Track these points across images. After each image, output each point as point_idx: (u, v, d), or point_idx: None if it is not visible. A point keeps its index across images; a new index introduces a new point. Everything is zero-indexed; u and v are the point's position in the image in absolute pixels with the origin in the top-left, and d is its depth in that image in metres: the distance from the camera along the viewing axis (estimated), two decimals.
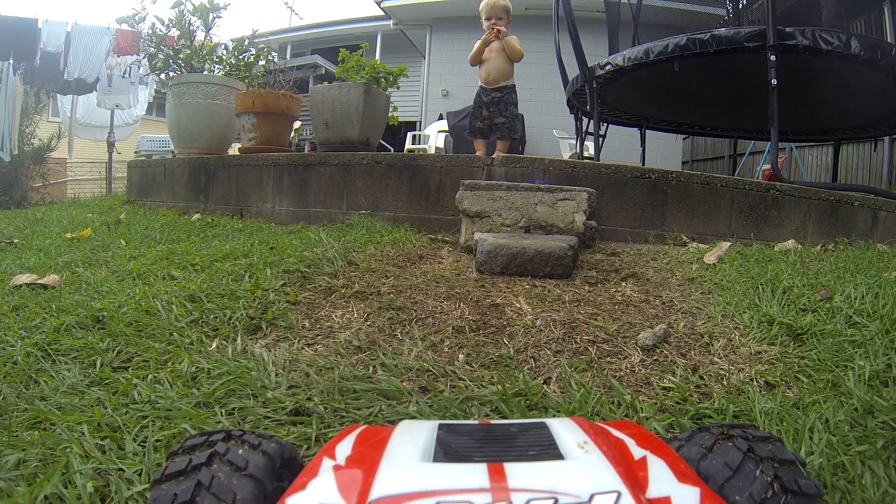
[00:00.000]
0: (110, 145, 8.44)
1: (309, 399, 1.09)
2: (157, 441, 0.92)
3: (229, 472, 0.55)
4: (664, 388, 1.19)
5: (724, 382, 1.21)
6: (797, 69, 3.50)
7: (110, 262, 2.22)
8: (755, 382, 1.21)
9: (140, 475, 0.83)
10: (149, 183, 4.50)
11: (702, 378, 1.24)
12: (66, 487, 0.79)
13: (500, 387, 1.14)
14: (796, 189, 2.96)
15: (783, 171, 5.90)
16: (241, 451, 0.57)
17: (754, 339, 1.42)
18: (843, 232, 2.89)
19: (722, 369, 1.27)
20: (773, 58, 3.28)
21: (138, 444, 0.92)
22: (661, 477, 0.49)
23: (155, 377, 1.16)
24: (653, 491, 0.46)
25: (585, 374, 1.25)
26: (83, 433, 0.93)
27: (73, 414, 1.00)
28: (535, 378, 1.22)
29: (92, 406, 1.03)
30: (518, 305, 1.69)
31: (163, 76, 5.24)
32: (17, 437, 0.93)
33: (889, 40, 4.16)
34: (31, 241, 2.94)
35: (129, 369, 1.21)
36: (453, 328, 1.48)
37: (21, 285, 1.83)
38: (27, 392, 1.10)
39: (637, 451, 0.55)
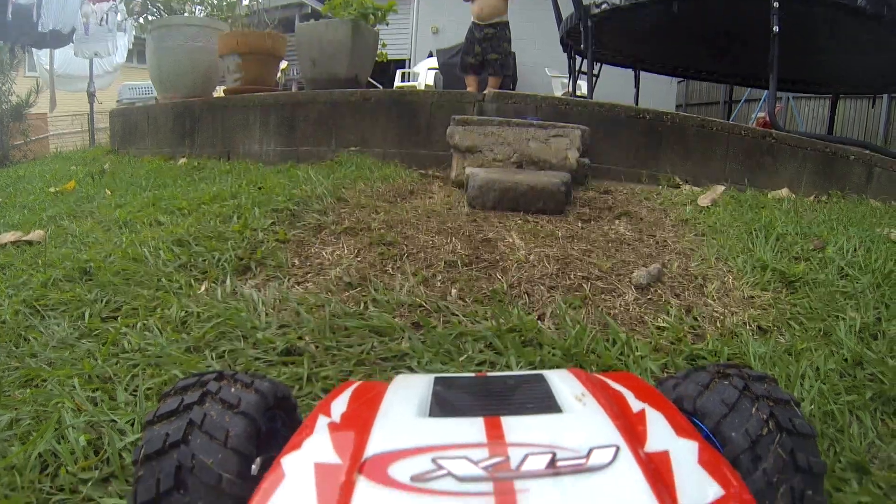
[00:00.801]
0: (91, 95, 8.10)
1: (300, 338, 1.08)
2: (148, 389, 0.92)
3: (221, 410, 0.54)
4: (658, 328, 1.19)
5: (718, 325, 1.21)
6: (800, 18, 3.36)
7: (95, 213, 2.18)
8: (748, 326, 1.20)
9: (132, 425, 0.83)
10: (132, 131, 4.38)
11: (696, 319, 1.24)
12: (60, 443, 0.79)
13: (493, 322, 1.14)
14: (792, 138, 2.92)
15: (779, 119, 5.73)
16: (233, 390, 0.56)
17: (748, 283, 1.42)
18: (837, 185, 2.85)
19: (716, 311, 1.27)
20: (775, 4, 3.14)
21: (129, 394, 0.91)
22: (659, 431, 0.48)
23: (144, 325, 1.15)
24: (651, 445, 0.45)
25: (580, 311, 1.24)
26: (74, 387, 0.92)
27: (63, 368, 0.99)
28: (529, 314, 1.21)
29: (82, 359, 1.02)
30: (511, 240, 1.66)
31: (142, 20, 4.99)
32: (9, 396, 0.92)
33: None
34: (14, 198, 2.88)
35: (118, 319, 1.20)
36: (445, 263, 1.46)
37: (6, 244, 1.80)
38: (17, 350, 1.09)
39: (635, 404, 0.54)
